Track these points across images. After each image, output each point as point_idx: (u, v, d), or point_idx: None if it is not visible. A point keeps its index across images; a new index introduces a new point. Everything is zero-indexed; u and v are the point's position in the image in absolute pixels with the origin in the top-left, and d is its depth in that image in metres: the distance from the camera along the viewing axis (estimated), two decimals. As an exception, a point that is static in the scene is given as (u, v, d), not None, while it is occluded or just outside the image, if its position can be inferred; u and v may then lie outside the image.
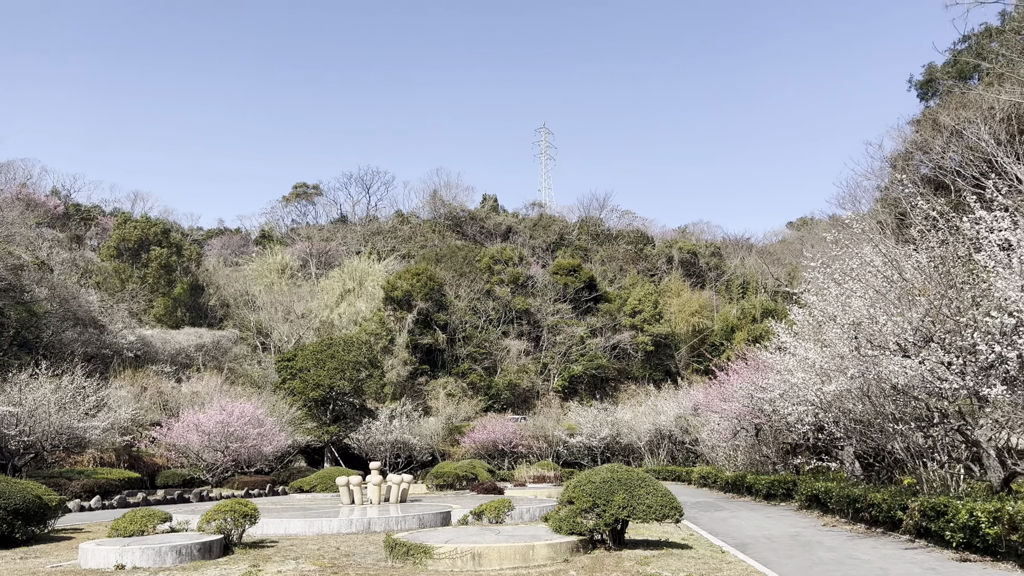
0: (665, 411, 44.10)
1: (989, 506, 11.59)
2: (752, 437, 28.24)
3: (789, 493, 22.64)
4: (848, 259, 16.35)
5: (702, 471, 33.60)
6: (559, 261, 77.58)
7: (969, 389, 13.51)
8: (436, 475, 35.68)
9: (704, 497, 27.29)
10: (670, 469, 40.68)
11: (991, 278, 12.64)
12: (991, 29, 39.51)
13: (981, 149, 32.74)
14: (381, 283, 68.01)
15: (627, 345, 69.16)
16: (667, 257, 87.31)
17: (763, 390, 22.59)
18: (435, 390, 60.12)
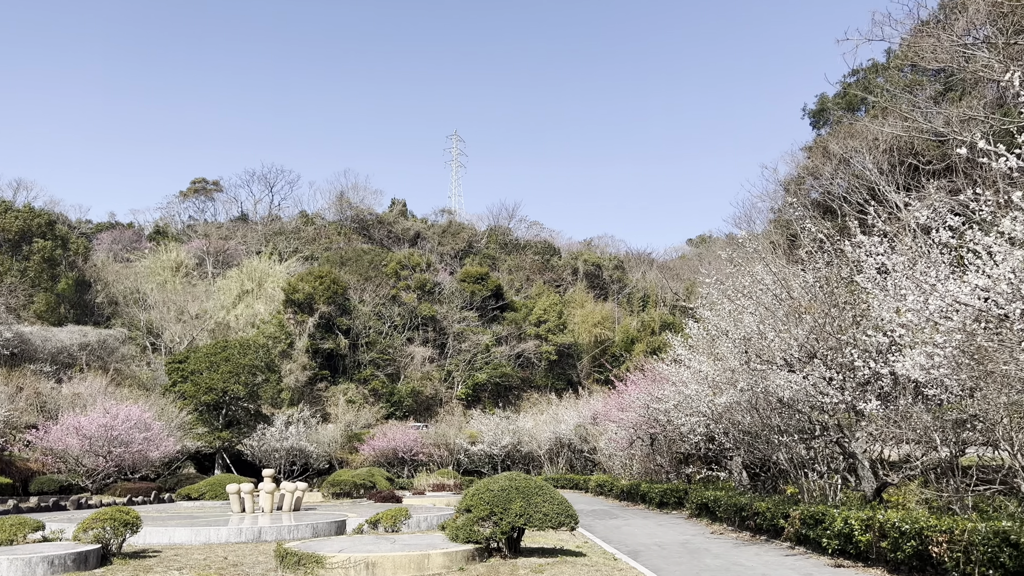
0: (565, 420, 44.71)
1: (862, 514, 12.28)
2: (647, 446, 28.98)
3: (681, 501, 23.32)
4: (741, 277, 17.07)
5: (599, 479, 34.20)
6: (467, 269, 77.63)
7: (848, 403, 14.32)
8: (333, 483, 34.95)
9: (600, 505, 27.77)
10: (568, 477, 41.22)
11: (870, 299, 13.44)
12: (877, 65, 42.17)
13: (866, 177, 34.84)
14: (282, 285, 66.24)
15: (531, 354, 69.81)
16: (573, 269, 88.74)
17: (659, 401, 23.23)
18: (335, 396, 58.93)
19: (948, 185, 28.71)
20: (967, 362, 9.33)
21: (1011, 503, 11.82)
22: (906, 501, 13.58)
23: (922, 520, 10.83)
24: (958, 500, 12.35)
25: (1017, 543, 9.00)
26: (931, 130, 30.45)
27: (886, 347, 12.76)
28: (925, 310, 9.17)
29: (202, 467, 44.93)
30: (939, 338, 9.34)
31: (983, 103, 28.95)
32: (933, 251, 11.30)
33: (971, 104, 29.16)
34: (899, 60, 37.18)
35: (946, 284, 8.79)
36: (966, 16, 28.52)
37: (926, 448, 13.48)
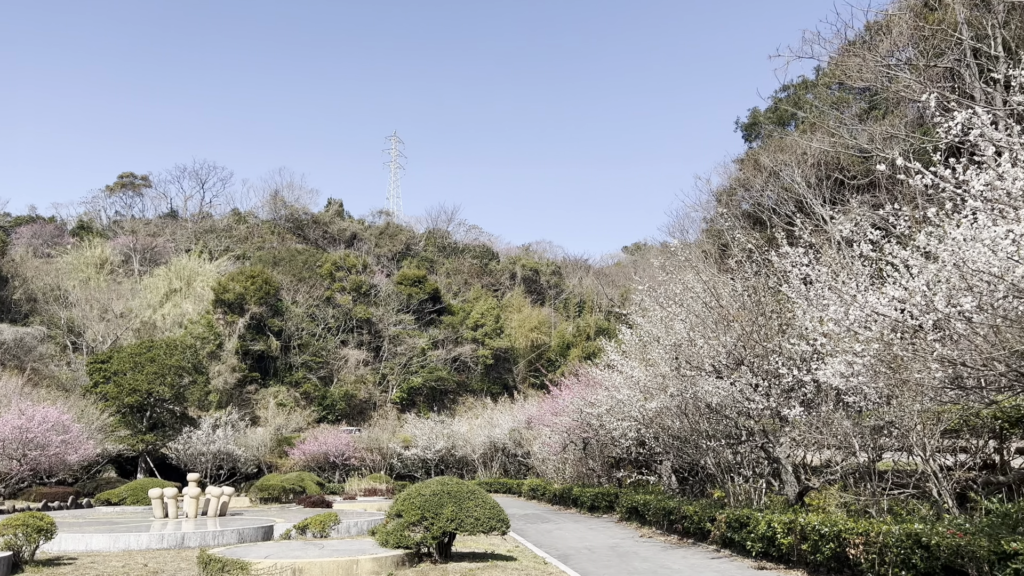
0: (500, 424, 44.75)
1: (785, 518, 12.64)
2: (580, 451, 29.23)
3: (612, 505, 23.60)
4: (673, 284, 17.40)
5: (532, 483, 34.34)
6: (404, 271, 77.06)
7: (772, 410, 14.73)
8: (261, 488, 34.19)
9: (533, 509, 27.88)
10: (502, 482, 41.26)
11: (795, 309, 13.87)
12: (807, 82, 43.59)
13: (794, 190, 35.93)
14: (212, 284, 64.54)
15: (468, 358, 69.69)
16: (511, 273, 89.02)
17: (592, 405, 23.47)
18: (265, 399, 57.69)
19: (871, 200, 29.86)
20: (884, 371, 9.72)
21: (923, 506, 12.33)
22: (826, 505, 14.03)
23: (840, 523, 11.21)
24: (875, 504, 12.82)
25: (928, 545, 9.40)
26: (856, 146, 31.63)
27: (809, 355, 13.18)
28: (845, 320, 9.52)
29: (124, 471, 43.37)
30: (858, 347, 9.71)
31: (904, 122, 30.22)
32: (855, 263, 11.74)
33: (893, 123, 30.41)
34: (827, 78, 38.53)
35: (865, 295, 9.14)
36: (890, 38, 29.76)
37: (846, 453, 13.96)
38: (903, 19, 29.61)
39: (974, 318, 7.53)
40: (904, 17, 29.78)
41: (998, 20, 24.58)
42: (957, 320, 7.70)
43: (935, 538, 9.31)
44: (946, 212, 7.81)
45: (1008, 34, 24.82)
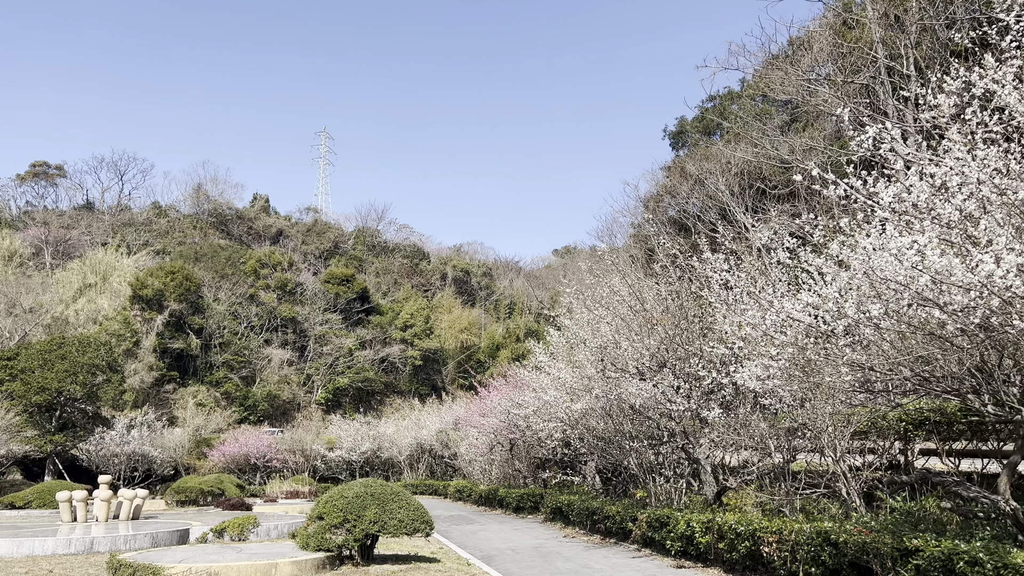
0: (428, 425, 44.49)
1: (703, 517, 12.96)
2: (507, 452, 29.32)
3: (537, 506, 23.75)
4: (600, 288, 17.65)
5: (458, 485, 34.26)
6: (332, 270, 75.84)
7: (693, 411, 15.08)
8: (178, 490, 33.10)
9: (458, 511, 27.82)
10: (428, 483, 41.05)
11: (715, 313, 14.24)
12: (733, 93, 44.83)
13: (718, 198, 36.90)
14: (129, 280, 62.16)
15: (396, 359, 69.05)
16: (441, 274, 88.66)
17: (519, 406, 23.58)
18: (184, 399, 55.88)
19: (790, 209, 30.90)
20: (798, 374, 10.07)
21: (833, 505, 12.82)
22: (743, 504, 14.44)
23: (755, 522, 11.56)
24: (788, 503, 13.26)
25: (836, 542, 9.77)
26: (777, 157, 32.69)
27: (728, 358, 13.55)
28: (762, 324, 9.82)
29: (31, 473, 41.37)
30: (773, 351, 10.03)
31: (823, 135, 31.38)
32: (772, 270, 12.13)
33: (812, 135, 31.55)
34: (751, 90, 39.72)
35: (782, 301, 9.46)
36: (811, 54, 30.87)
37: (762, 454, 14.40)
38: (823, 36, 30.77)
39: (881, 324, 7.88)
40: (824, 34, 30.94)
41: (911, 40, 25.80)
42: (866, 326, 8.04)
43: (843, 536, 9.69)
44: (857, 222, 8.15)
45: (920, 54, 26.07)
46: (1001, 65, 7.31)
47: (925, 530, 9.79)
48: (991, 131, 7.40)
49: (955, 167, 6.81)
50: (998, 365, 8.17)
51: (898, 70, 26.24)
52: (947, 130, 7.44)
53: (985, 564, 7.50)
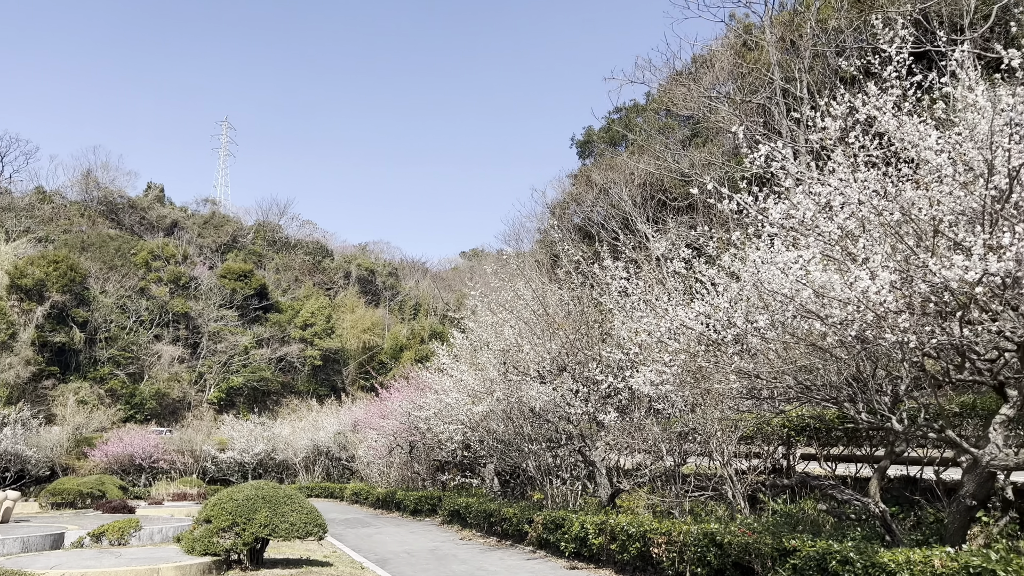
0: (325, 427, 43.58)
1: (597, 519, 13.23)
2: (406, 454, 29.08)
3: (434, 508, 23.66)
4: (505, 291, 17.78)
5: (355, 488, 33.75)
6: (229, 264, 73.29)
7: (590, 415, 15.38)
8: (54, 492, 31.24)
9: (355, 514, 27.41)
10: (324, 486, 40.24)
11: (614, 319, 14.58)
12: (638, 106, 46.04)
13: (622, 207, 37.79)
14: (7, 268, 58.19)
15: (295, 358, 67.36)
16: (345, 272, 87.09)
17: (420, 408, 23.43)
18: (64, 396, 52.75)
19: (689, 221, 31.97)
20: (689, 380, 10.43)
21: (720, 507, 13.33)
22: (636, 506, 14.82)
23: (646, 524, 11.88)
24: (678, 505, 13.70)
25: (721, 543, 10.16)
26: (679, 170, 33.77)
27: (625, 364, 13.90)
28: (658, 331, 10.13)
29: None
30: (667, 357, 10.36)
31: (721, 151, 32.63)
32: (669, 279, 12.52)
33: (712, 151, 32.77)
34: (656, 104, 40.91)
35: (676, 309, 9.78)
36: (713, 72, 32.07)
37: (655, 457, 14.81)
38: (725, 56, 32.02)
39: (767, 334, 8.26)
40: (726, 54, 32.21)
41: (804, 65, 27.17)
42: (753, 336, 8.41)
43: (727, 537, 10.09)
44: (748, 236, 8.53)
45: (812, 78, 27.49)
46: (883, 94, 7.79)
47: (803, 531, 10.31)
48: (872, 155, 7.88)
49: (838, 187, 7.23)
50: (872, 375, 8.70)
51: (792, 92, 27.58)
52: (832, 152, 7.88)
53: (855, 563, 7.95)
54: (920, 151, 7.15)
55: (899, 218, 6.90)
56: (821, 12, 27.86)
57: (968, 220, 7.28)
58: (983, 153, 6.49)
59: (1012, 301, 7.05)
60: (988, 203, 6.45)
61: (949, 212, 6.95)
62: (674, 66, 35.86)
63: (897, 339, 6.96)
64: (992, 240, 6.34)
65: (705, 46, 35.74)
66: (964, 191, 6.76)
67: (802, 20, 28.39)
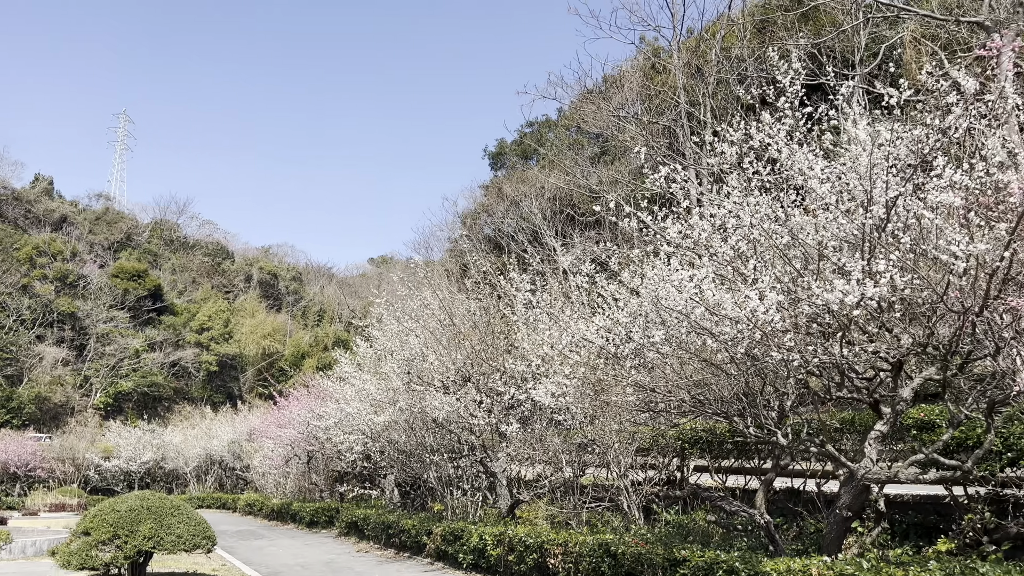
0: (219, 435, 42.01)
1: (495, 530, 13.25)
2: (304, 464, 28.38)
3: (332, 520, 23.17)
4: (412, 300, 17.65)
5: (249, 499, 32.68)
6: (123, 263, 69.89)
7: (493, 426, 15.42)
8: (-86, 503, 28.92)
9: (248, 525, 26.55)
10: (217, 496, 38.79)
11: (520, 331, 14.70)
12: (550, 121, 46.78)
13: (532, 220, 38.25)
14: None
15: (190, 363, 64.76)
16: (246, 275, 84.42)
17: (320, 418, 22.94)
18: (-69, 398, 49.02)
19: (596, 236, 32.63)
20: (589, 393, 10.63)
21: (616, 518, 13.59)
22: (535, 517, 14.94)
23: (544, 535, 12.00)
24: (576, 516, 13.88)
25: (616, 554, 10.36)
26: (587, 186, 34.46)
27: (528, 375, 14.03)
28: (560, 344, 10.28)
29: None
30: (567, 370, 10.52)
31: (628, 169, 33.49)
32: (573, 293, 12.74)
33: (619, 169, 33.59)
34: (567, 120, 41.65)
35: (577, 323, 9.96)
36: (622, 93, 32.92)
37: (555, 468, 14.98)
38: (634, 77, 32.94)
39: (663, 349, 8.52)
40: (635, 75, 33.13)
41: (708, 90, 28.25)
42: (649, 350, 8.66)
43: (621, 547, 10.30)
44: (647, 254, 8.79)
45: (715, 103, 28.62)
46: (776, 123, 8.19)
47: (693, 541, 10.64)
48: (765, 180, 8.26)
49: (733, 210, 7.55)
50: (760, 391, 9.08)
51: (697, 116, 28.63)
52: (728, 176, 8.22)
53: (740, 572, 8.26)
54: (808, 179, 7.55)
55: (787, 241, 7.26)
56: (725, 40, 29.07)
57: (851, 246, 7.73)
58: (863, 184, 6.92)
59: (887, 324, 7.52)
60: (867, 231, 6.88)
61: (833, 238, 7.36)
62: (585, 84, 36.66)
63: (783, 357, 7.31)
64: (870, 266, 6.75)
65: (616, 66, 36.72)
66: (846, 219, 7.18)
67: (707, 47, 29.55)
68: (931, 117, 7.01)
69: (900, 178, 7.08)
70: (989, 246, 6.59)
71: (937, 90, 7.37)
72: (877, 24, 24.65)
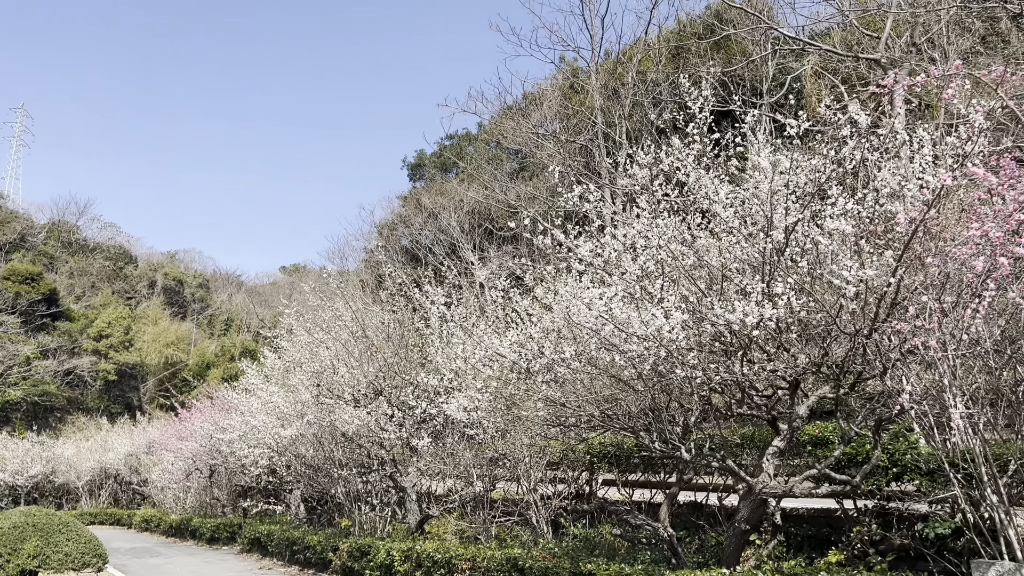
0: (116, 448, 40.04)
1: (403, 546, 13.10)
2: (206, 479, 27.39)
3: (234, 536, 22.45)
4: (324, 311, 17.33)
5: (146, 514, 31.30)
6: (15, 265, 66.02)
7: (404, 440, 15.28)
8: None
9: (144, 542, 25.43)
10: (110, 512, 36.96)
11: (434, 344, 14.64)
12: (470, 135, 46.94)
13: (450, 233, 38.22)
14: None
15: (86, 372, 61.60)
16: (150, 281, 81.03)
17: (224, 431, 22.21)
18: None
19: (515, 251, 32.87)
20: (501, 407, 10.68)
21: (525, 532, 13.64)
22: (444, 532, 14.85)
23: (452, 550, 11.93)
24: (485, 530, 13.87)
25: (523, 568, 10.39)
26: (506, 201, 34.70)
27: (441, 389, 13.97)
28: (473, 358, 10.30)
29: None
30: (480, 384, 10.55)
31: (546, 186, 33.90)
32: (489, 307, 12.79)
33: (537, 185, 33.99)
34: (487, 135, 41.90)
35: (491, 337, 10.01)
36: (541, 111, 33.39)
37: (466, 483, 14.94)
38: (553, 95, 33.47)
39: (573, 365, 8.65)
40: (554, 94, 33.67)
41: (624, 112, 28.96)
42: (560, 366, 8.78)
43: (529, 561, 10.34)
44: (559, 270, 8.93)
45: (631, 125, 29.34)
46: (686, 147, 8.48)
47: (599, 555, 10.79)
48: (673, 203, 8.52)
49: (642, 231, 7.76)
50: (666, 407, 9.32)
51: (613, 137, 29.27)
52: (640, 197, 8.45)
53: (643, 584, 8.43)
54: (713, 204, 7.85)
55: (693, 263, 7.51)
56: (642, 64, 29.89)
57: (752, 269, 8.05)
58: (764, 210, 7.24)
59: (785, 344, 7.86)
60: (767, 255, 7.19)
61: (736, 260, 7.66)
62: (505, 100, 36.99)
63: (687, 374, 7.54)
64: (769, 288, 7.05)
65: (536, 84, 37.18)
66: (748, 243, 7.49)
67: (624, 70, 30.30)
68: (827, 148, 7.39)
69: (799, 205, 7.44)
70: (878, 272, 6.99)
71: (834, 122, 7.78)
72: (784, 56, 25.84)
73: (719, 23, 26.69)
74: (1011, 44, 20.83)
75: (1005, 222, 6.13)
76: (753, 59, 25.13)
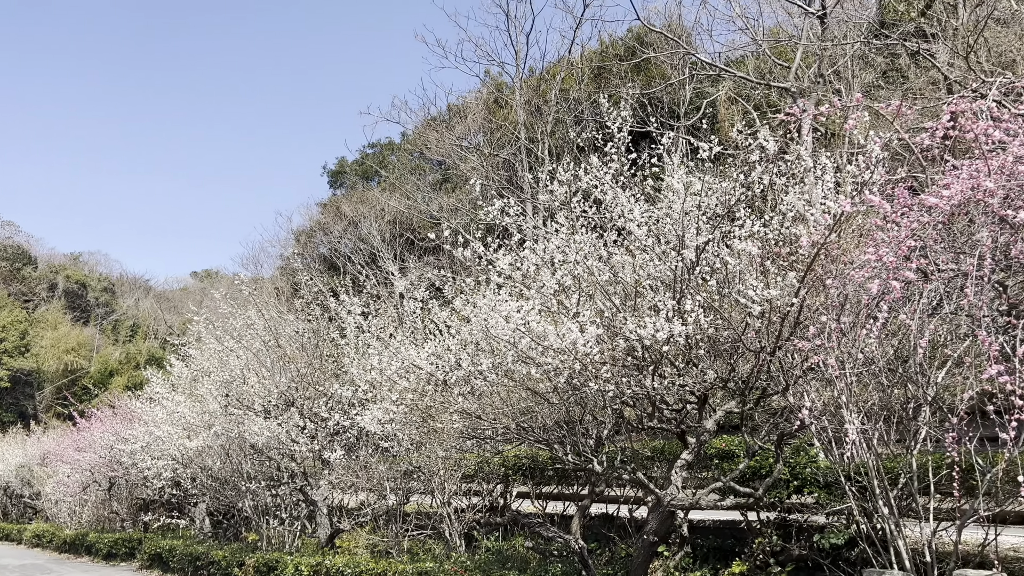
0: (7, 458, 37.74)
1: (313, 560, 12.84)
2: (105, 492, 26.12)
3: (133, 552, 21.52)
4: (236, 319, 16.85)
5: (38, 529, 29.64)
6: (-103, 263, 61.83)
7: (316, 452, 14.97)
8: None
9: (34, 559, 24.09)
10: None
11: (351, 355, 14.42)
12: (393, 144, 46.66)
13: (370, 242, 37.78)
14: None
15: (-26, 378, 58.08)
16: (51, 284, 77.05)
17: (125, 441, 21.27)
18: None
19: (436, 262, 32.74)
20: (416, 419, 10.61)
21: (438, 546, 13.54)
22: (355, 546, 14.59)
23: (363, 564, 11.76)
24: (397, 544, 13.70)
25: (435, 581, 10.33)
26: (428, 212, 34.60)
27: (355, 401, 13.77)
28: (389, 369, 10.21)
29: None
30: (395, 396, 10.46)
31: (469, 198, 33.98)
32: (407, 318, 12.70)
33: (460, 197, 34.03)
34: (411, 145, 41.74)
35: (408, 349, 9.94)
36: (465, 123, 33.50)
37: (379, 496, 14.71)
38: (478, 109, 33.64)
39: (490, 377, 8.68)
40: (479, 107, 33.85)
41: (547, 129, 29.35)
42: (477, 378, 8.80)
43: (441, 575, 10.29)
44: (478, 282, 8.97)
45: (553, 142, 29.75)
46: (604, 166, 8.65)
47: (511, 568, 10.81)
48: (591, 219, 8.68)
49: (560, 246, 7.88)
50: (580, 420, 9.44)
51: (535, 152, 29.61)
52: (559, 213, 8.57)
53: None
54: (628, 222, 8.04)
55: (609, 279, 7.66)
56: (565, 82, 30.38)
57: (665, 286, 8.27)
58: (676, 229, 7.46)
59: (694, 359, 8.09)
60: (678, 273, 7.41)
61: (649, 277, 7.86)
62: (429, 111, 36.94)
63: (600, 388, 7.67)
64: (679, 305, 7.26)
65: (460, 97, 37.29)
66: (661, 260, 7.70)
67: (548, 87, 30.75)
68: (738, 172, 7.69)
69: (710, 226, 7.69)
70: (782, 292, 7.29)
71: (746, 147, 8.10)
72: (700, 81, 26.72)
73: (640, 46, 27.42)
74: (909, 79, 22.12)
75: (898, 247, 6.48)
76: (672, 82, 25.90)
